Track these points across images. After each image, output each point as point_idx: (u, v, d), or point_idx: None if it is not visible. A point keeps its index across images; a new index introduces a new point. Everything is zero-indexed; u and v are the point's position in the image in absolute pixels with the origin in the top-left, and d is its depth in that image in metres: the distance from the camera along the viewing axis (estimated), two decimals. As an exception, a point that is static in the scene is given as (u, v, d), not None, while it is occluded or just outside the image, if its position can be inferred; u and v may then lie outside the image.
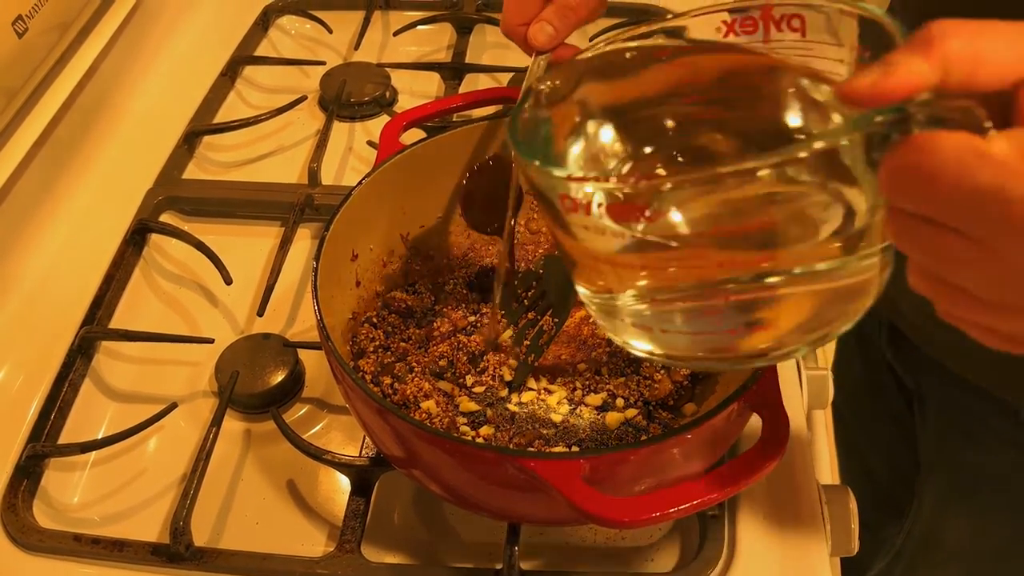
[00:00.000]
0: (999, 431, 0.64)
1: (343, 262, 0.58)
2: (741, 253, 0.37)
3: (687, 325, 0.41)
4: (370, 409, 0.49)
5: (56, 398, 0.63)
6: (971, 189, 0.28)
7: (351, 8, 0.98)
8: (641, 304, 0.42)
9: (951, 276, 0.32)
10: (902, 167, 0.30)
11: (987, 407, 0.64)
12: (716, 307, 0.40)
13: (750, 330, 0.40)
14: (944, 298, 0.33)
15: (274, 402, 0.63)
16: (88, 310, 0.68)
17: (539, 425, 0.55)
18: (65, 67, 0.78)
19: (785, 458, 0.44)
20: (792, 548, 0.54)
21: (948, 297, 0.33)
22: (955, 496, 0.71)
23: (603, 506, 0.42)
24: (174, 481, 0.60)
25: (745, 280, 0.38)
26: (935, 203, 0.30)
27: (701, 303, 0.40)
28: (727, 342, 0.41)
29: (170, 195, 0.77)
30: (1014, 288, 0.30)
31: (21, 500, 0.58)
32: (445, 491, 0.51)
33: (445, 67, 0.90)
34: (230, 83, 0.90)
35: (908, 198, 0.31)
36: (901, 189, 0.31)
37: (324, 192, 0.76)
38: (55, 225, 0.75)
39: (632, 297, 0.41)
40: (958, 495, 0.70)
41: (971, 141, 0.29)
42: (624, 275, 0.41)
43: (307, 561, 0.54)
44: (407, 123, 0.63)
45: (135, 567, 0.55)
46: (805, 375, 0.65)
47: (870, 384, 0.83)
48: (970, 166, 0.28)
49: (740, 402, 0.45)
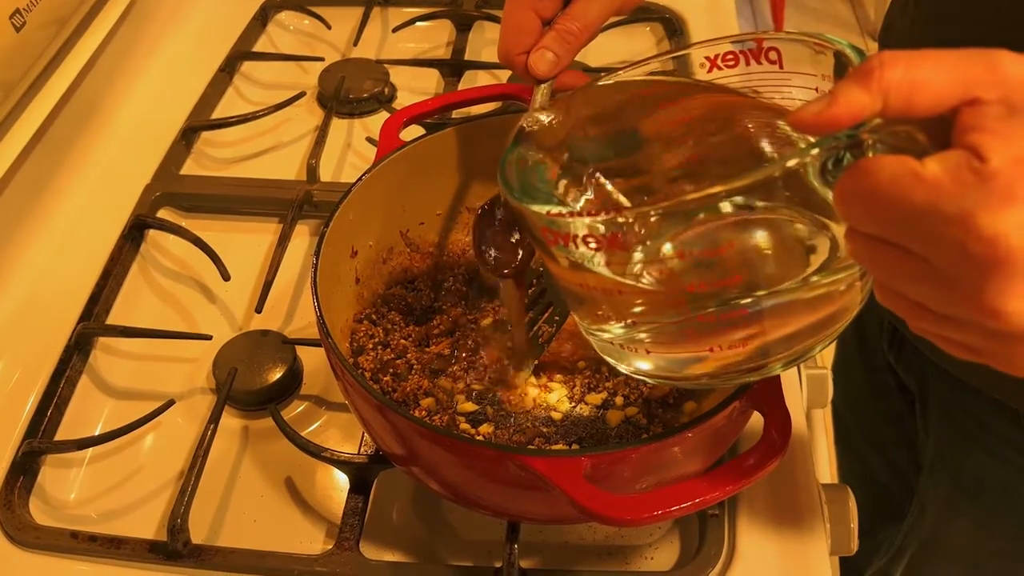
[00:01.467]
0: (1001, 434, 0.64)
1: (342, 259, 0.58)
2: (717, 281, 0.40)
3: (666, 347, 0.44)
4: (370, 406, 0.48)
5: (53, 394, 0.62)
6: (907, 209, 0.30)
7: (350, 4, 0.98)
8: (624, 328, 0.44)
9: (907, 292, 0.33)
10: (848, 189, 0.32)
11: (988, 410, 0.64)
12: (693, 328, 0.42)
13: (726, 350, 0.42)
14: (907, 313, 0.35)
15: (272, 399, 0.63)
16: (85, 306, 0.68)
17: (539, 423, 0.55)
18: (63, 62, 0.77)
19: (785, 457, 0.44)
20: (792, 547, 0.54)
21: (910, 312, 0.34)
22: (958, 497, 0.71)
23: (605, 504, 0.42)
24: (172, 478, 0.60)
25: (718, 304, 0.40)
26: (879, 223, 0.32)
27: (679, 325, 0.42)
28: (703, 360, 0.43)
29: (168, 191, 0.77)
30: (957, 302, 0.32)
31: (18, 497, 0.57)
32: (444, 489, 0.51)
33: (444, 64, 0.90)
34: (228, 79, 0.90)
35: (856, 219, 0.33)
36: (849, 210, 0.33)
37: (323, 189, 0.76)
38: (52, 221, 0.75)
39: (618, 325, 0.44)
40: (961, 496, 0.70)
41: (907, 164, 0.31)
42: (612, 302, 0.42)
43: (305, 559, 0.54)
44: (407, 120, 0.63)
45: (132, 564, 0.54)
46: (805, 374, 0.65)
47: (871, 385, 0.83)
48: (905, 187, 0.30)
49: (741, 401, 0.45)
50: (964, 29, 0.55)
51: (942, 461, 0.71)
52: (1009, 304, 0.30)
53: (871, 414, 0.86)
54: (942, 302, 0.32)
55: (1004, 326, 0.31)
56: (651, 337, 0.43)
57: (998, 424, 0.64)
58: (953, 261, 0.30)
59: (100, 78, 0.83)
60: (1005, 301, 0.30)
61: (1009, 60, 0.31)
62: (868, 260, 0.34)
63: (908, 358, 0.73)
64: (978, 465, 0.68)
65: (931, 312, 0.33)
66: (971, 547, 0.73)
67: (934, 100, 0.31)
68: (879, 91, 0.31)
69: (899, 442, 0.79)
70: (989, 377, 0.62)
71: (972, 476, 0.69)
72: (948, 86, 0.31)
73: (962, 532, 0.72)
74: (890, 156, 0.31)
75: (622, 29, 0.94)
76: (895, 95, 0.31)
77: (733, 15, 0.96)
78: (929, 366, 0.69)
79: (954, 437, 0.69)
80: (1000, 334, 0.31)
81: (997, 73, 0.31)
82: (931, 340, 0.35)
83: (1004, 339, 0.32)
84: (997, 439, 0.65)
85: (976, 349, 0.34)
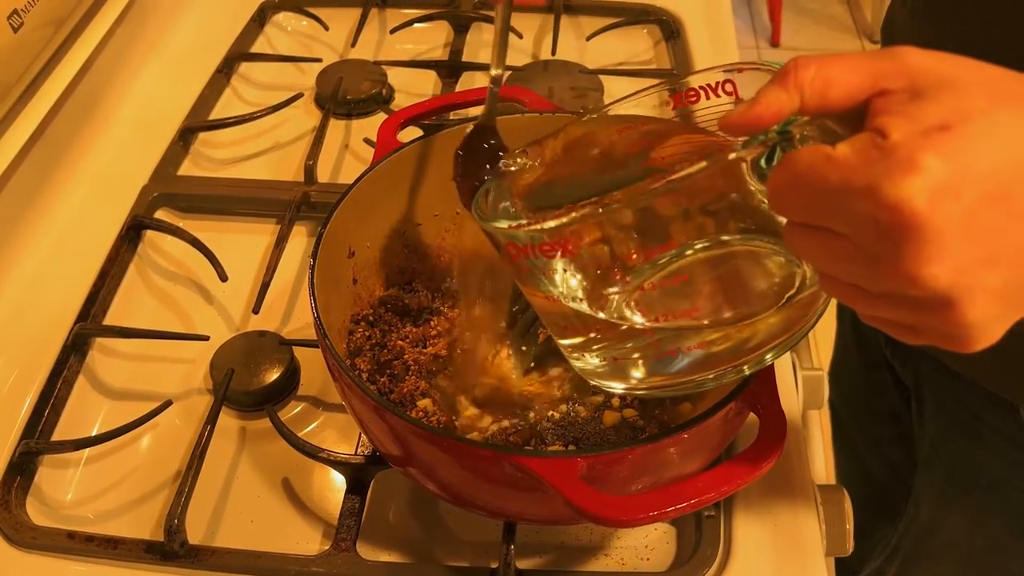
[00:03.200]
0: (997, 427, 0.64)
1: (340, 260, 0.58)
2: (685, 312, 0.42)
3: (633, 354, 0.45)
4: (367, 407, 0.48)
5: (50, 395, 0.62)
6: (823, 189, 0.33)
7: (348, 5, 0.98)
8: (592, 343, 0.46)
9: (842, 275, 0.35)
10: (776, 182, 0.35)
11: (985, 403, 0.64)
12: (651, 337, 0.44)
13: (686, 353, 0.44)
14: (847, 298, 0.36)
15: (269, 400, 0.63)
16: (82, 306, 0.68)
17: (535, 423, 0.55)
18: (60, 62, 0.77)
19: (781, 458, 0.44)
20: (788, 548, 0.54)
21: (850, 296, 0.36)
22: (952, 492, 0.71)
23: (601, 505, 0.42)
24: (168, 479, 0.60)
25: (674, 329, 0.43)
26: (803, 209, 0.34)
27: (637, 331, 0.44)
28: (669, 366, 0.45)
29: (165, 192, 0.77)
30: (881, 275, 0.33)
31: (14, 497, 0.57)
32: (441, 489, 0.51)
33: (442, 65, 0.90)
34: (226, 80, 0.90)
35: (785, 209, 0.35)
36: (778, 202, 0.35)
37: (320, 190, 0.76)
38: (50, 221, 0.75)
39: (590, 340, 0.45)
40: (956, 491, 0.71)
41: (820, 150, 0.33)
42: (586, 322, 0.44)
43: (302, 559, 0.54)
44: (404, 121, 0.63)
45: (129, 565, 0.54)
46: (800, 375, 0.65)
47: (868, 383, 0.83)
48: (819, 170, 0.33)
49: (737, 402, 0.45)
50: (961, 20, 0.56)
51: (937, 455, 0.71)
52: (924, 268, 0.31)
53: (868, 412, 0.86)
54: (870, 279, 0.34)
55: (923, 291, 0.32)
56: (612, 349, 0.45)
57: (993, 417, 0.64)
58: (869, 234, 0.32)
59: (98, 79, 0.83)
60: (920, 266, 0.31)
61: (913, 52, 0.34)
62: (803, 248, 0.36)
63: (905, 352, 0.73)
64: (973, 459, 0.68)
65: (867, 293, 0.34)
66: (964, 542, 0.73)
67: (846, 93, 0.34)
68: (796, 88, 0.35)
69: (895, 440, 0.79)
70: (985, 369, 0.62)
71: (966, 470, 0.69)
72: (858, 80, 0.34)
73: (956, 527, 0.73)
74: (808, 147, 0.34)
75: (620, 31, 0.95)
76: (810, 91, 0.35)
77: (730, 17, 0.96)
78: (925, 359, 0.69)
79: (949, 431, 0.69)
80: (924, 302, 0.33)
81: (902, 65, 0.34)
82: (881, 328, 0.37)
83: (930, 308, 0.33)
84: (992, 432, 0.65)
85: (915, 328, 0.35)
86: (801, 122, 0.36)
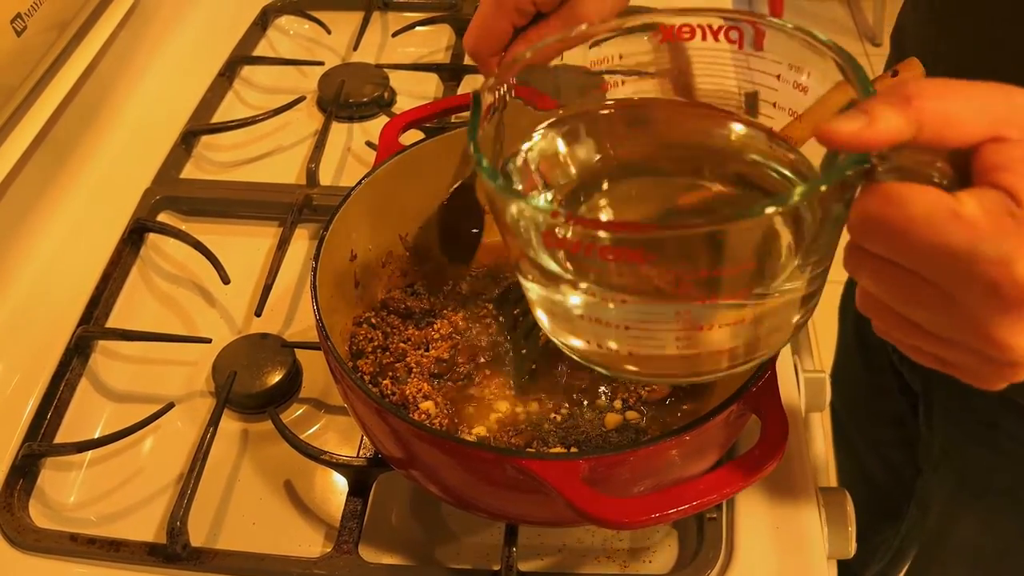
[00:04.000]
0: (1009, 431, 0.64)
1: (342, 262, 0.58)
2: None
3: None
4: (369, 409, 0.48)
5: (53, 397, 0.63)
6: (943, 247, 0.31)
7: (350, 9, 0.98)
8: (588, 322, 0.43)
9: (904, 310, 0.34)
10: (873, 215, 0.32)
11: (996, 407, 0.64)
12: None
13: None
14: (888, 323, 0.35)
15: (272, 402, 0.63)
16: (85, 309, 0.68)
17: (537, 426, 0.55)
18: (63, 66, 0.77)
19: (783, 460, 0.44)
20: (789, 550, 0.54)
21: (893, 323, 0.35)
22: (964, 496, 0.71)
23: (603, 507, 0.42)
24: (171, 481, 0.60)
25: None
26: (904, 252, 0.32)
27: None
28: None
29: (168, 195, 0.77)
30: (961, 328, 0.33)
31: (17, 499, 0.57)
32: (443, 492, 0.51)
33: (444, 68, 0.90)
34: (228, 83, 0.90)
35: (875, 243, 0.33)
36: (869, 234, 0.33)
37: (322, 193, 0.76)
38: (52, 224, 0.75)
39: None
40: (967, 495, 0.70)
41: (943, 199, 0.31)
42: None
43: (304, 562, 0.54)
44: (406, 124, 0.63)
45: (131, 567, 0.55)
46: (803, 377, 0.65)
47: (870, 385, 0.83)
48: (943, 225, 0.31)
49: (739, 404, 0.45)
50: (973, 22, 0.56)
51: (948, 460, 0.71)
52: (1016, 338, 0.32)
53: (870, 415, 0.86)
54: (944, 327, 0.33)
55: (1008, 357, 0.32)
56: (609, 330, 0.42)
57: (1008, 422, 0.64)
58: (975, 295, 0.31)
59: (100, 82, 0.83)
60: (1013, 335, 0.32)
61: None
62: (870, 277, 0.34)
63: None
64: (985, 464, 0.68)
65: (916, 327, 0.34)
66: (975, 547, 0.73)
67: (964, 136, 0.32)
68: (916, 120, 0.32)
69: (898, 443, 0.79)
70: None
71: (978, 475, 0.69)
72: (976, 122, 0.32)
73: (967, 531, 0.72)
74: (922, 188, 0.32)
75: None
76: (929, 127, 0.32)
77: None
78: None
79: (961, 436, 0.69)
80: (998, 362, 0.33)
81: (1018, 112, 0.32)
82: (892, 342, 0.36)
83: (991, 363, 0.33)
84: (1007, 437, 0.65)
85: (955, 365, 0.35)
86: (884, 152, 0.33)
